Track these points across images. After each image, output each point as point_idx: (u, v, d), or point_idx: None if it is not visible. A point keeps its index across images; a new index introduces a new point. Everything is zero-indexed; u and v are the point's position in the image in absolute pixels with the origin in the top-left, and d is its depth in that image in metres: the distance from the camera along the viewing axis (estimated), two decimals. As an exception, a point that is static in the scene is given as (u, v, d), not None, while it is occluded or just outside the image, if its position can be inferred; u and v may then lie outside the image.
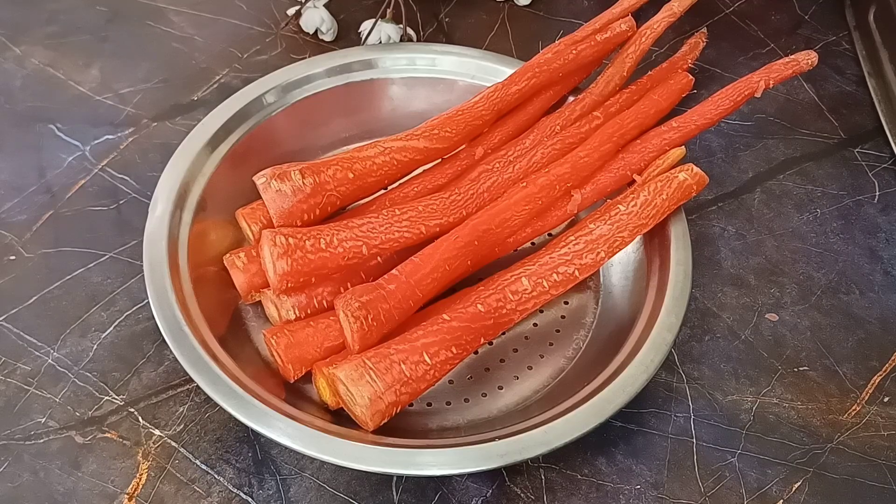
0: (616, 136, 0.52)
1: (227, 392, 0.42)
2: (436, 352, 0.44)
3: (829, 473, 0.47)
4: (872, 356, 0.52)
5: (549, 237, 0.54)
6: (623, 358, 0.46)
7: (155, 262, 0.46)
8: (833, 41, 0.71)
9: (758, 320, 0.53)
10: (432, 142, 0.51)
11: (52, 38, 0.66)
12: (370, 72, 0.58)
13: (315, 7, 0.66)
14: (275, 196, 0.47)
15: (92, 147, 0.59)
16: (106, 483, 0.45)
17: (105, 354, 0.50)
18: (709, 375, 0.51)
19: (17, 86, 0.63)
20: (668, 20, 0.57)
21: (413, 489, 0.46)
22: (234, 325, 0.49)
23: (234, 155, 0.53)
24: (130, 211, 0.56)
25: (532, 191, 0.49)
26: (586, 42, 0.55)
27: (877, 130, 0.64)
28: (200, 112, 0.61)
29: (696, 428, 0.49)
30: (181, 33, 0.67)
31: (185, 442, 0.47)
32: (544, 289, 0.47)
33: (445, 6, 0.71)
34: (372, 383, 0.42)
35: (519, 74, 0.54)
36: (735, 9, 0.73)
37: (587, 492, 0.46)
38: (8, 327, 0.50)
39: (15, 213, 0.56)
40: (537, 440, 0.41)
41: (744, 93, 0.53)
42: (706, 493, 0.46)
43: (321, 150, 0.58)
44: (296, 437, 0.41)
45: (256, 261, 0.48)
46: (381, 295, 0.44)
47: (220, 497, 0.45)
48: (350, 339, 0.44)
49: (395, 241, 0.47)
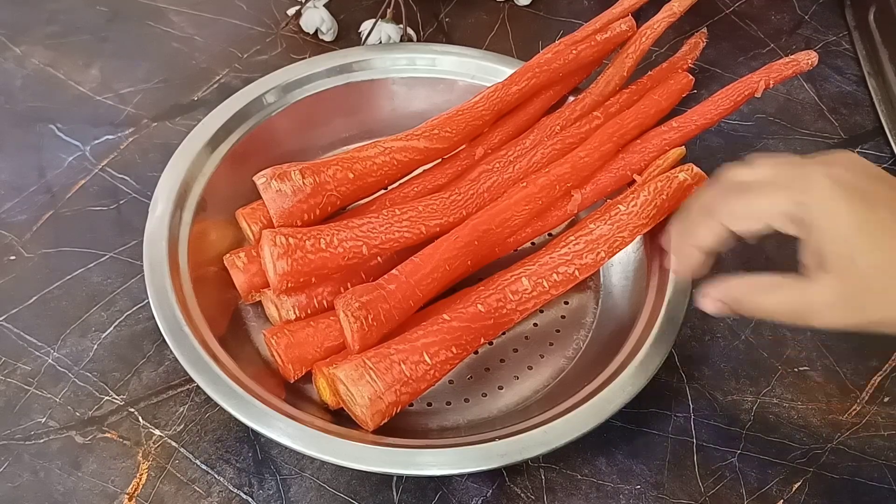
0: (616, 136, 0.52)
1: (227, 392, 0.42)
2: (436, 352, 0.44)
3: (830, 473, 0.47)
4: (872, 356, 0.52)
5: (549, 237, 0.54)
6: (623, 358, 0.46)
7: (155, 262, 0.46)
8: (833, 41, 0.71)
9: (758, 320, 0.53)
10: (432, 142, 0.51)
11: (53, 38, 0.66)
12: (370, 72, 0.58)
13: (315, 7, 0.66)
14: (275, 196, 0.47)
15: (92, 147, 0.59)
16: (106, 483, 0.45)
17: (105, 354, 0.50)
18: (709, 375, 0.51)
19: (17, 86, 0.63)
20: (668, 20, 0.57)
21: (413, 489, 0.46)
22: (234, 325, 0.49)
23: (235, 155, 0.53)
24: (130, 211, 0.56)
25: (532, 191, 0.49)
26: (586, 42, 0.55)
27: (877, 130, 0.64)
28: (200, 112, 0.61)
29: (697, 428, 0.49)
30: (181, 33, 0.67)
31: (186, 442, 0.47)
32: (544, 289, 0.47)
33: (445, 6, 0.71)
34: (372, 383, 0.42)
35: (519, 74, 0.53)
36: (735, 9, 0.73)
37: (587, 492, 0.46)
38: (8, 327, 0.50)
39: (15, 213, 0.56)
40: (537, 440, 0.41)
41: (744, 93, 0.53)
42: (706, 493, 0.46)
43: (321, 150, 0.58)
44: (296, 437, 0.41)
45: (256, 261, 0.48)
46: (381, 295, 0.44)
47: (221, 497, 0.45)
48: (350, 339, 0.44)
49: (395, 241, 0.47)
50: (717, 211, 0.39)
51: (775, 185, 0.37)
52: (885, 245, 0.35)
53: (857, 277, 0.35)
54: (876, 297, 0.35)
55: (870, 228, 0.35)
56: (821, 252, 0.36)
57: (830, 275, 0.36)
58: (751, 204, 0.37)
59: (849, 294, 0.36)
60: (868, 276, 0.35)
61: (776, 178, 0.38)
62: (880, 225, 0.35)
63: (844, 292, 0.36)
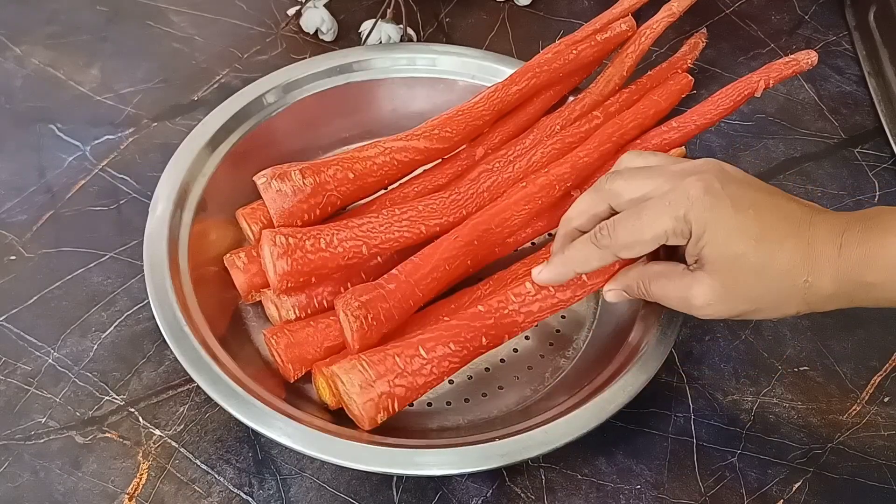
0: (616, 135, 0.52)
1: (227, 392, 0.42)
2: (432, 347, 0.43)
3: (830, 473, 0.47)
4: (872, 356, 0.52)
5: (549, 237, 0.54)
6: (623, 358, 0.46)
7: (155, 262, 0.46)
8: (833, 41, 0.71)
9: (758, 320, 0.53)
10: (432, 142, 0.51)
11: (53, 38, 0.66)
12: (370, 72, 0.58)
13: (315, 7, 0.66)
14: (275, 196, 0.47)
15: (92, 147, 0.59)
16: (106, 483, 0.45)
17: (105, 354, 0.50)
18: (709, 375, 0.51)
19: (17, 86, 0.63)
20: (667, 20, 0.57)
21: (413, 489, 0.46)
22: (234, 325, 0.49)
23: (235, 155, 0.53)
24: (131, 211, 0.56)
25: (532, 190, 0.49)
26: (586, 42, 0.55)
27: (877, 130, 0.64)
28: (201, 112, 0.61)
29: (697, 428, 0.49)
30: (181, 33, 0.67)
31: (186, 442, 0.47)
32: (549, 292, 0.46)
33: (445, 6, 0.71)
34: (363, 371, 0.42)
35: (519, 74, 0.53)
36: (735, 9, 0.73)
37: (587, 492, 0.46)
38: (8, 327, 0.50)
39: (15, 213, 0.56)
40: (537, 440, 0.41)
41: (744, 92, 0.53)
42: (706, 493, 0.46)
43: (321, 150, 0.58)
44: (296, 437, 0.41)
45: (256, 261, 0.48)
46: (381, 294, 0.44)
47: (221, 497, 0.45)
48: (350, 338, 0.44)
49: (395, 240, 0.47)
50: (609, 245, 0.42)
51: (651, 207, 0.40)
52: (753, 242, 0.39)
53: (733, 273, 0.40)
54: (749, 289, 0.40)
55: (740, 229, 0.39)
56: (700, 255, 0.40)
57: (708, 273, 0.40)
58: (640, 232, 0.41)
59: (726, 289, 0.40)
60: (741, 271, 0.39)
61: (654, 192, 0.41)
62: (748, 224, 0.39)
63: (722, 288, 0.40)
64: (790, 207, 0.40)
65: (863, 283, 0.38)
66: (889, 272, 0.38)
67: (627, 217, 0.41)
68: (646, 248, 0.41)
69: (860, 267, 0.38)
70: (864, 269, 0.38)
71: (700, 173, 0.40)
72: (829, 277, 0.39)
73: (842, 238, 0.39)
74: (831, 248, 0.38)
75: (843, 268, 0.38)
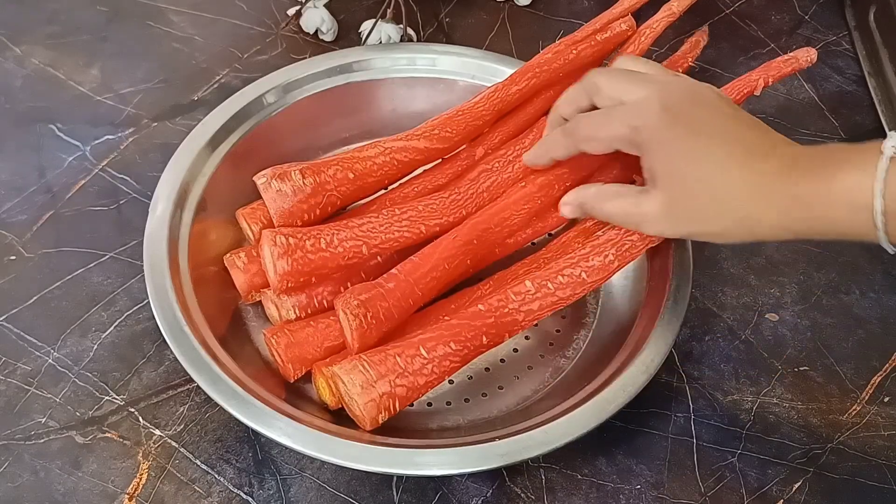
0: (616, 135, 0.52)
1: (227, 392, 0.42)
2: (433, 346, 0.43)
3: (830, 473, 0.47)
4: (872, 356, 0.52)
5: (549, 237, 0.54)
6: (623, 358, 0.46)
7: (155, 262, 0.46)
8: (833, 41, 0.71)
9: (758, 320, 0.53)
10: (432, 142, 0.51)
11: (52, 38, 0.66)
12: (370, 72, 0.58)
13: (315, 7, 0.66)
14: (275, 196, 0.47)
15: (92, 147, 0.59)
16: (106, 483, 0.45)
17: (105, 354, 0.50)
18: (709, 375, 0.51)
19: (17, 86, 0.63)
20: (667, 20, 0.57)
21: (413, 489, 0.46)
22: (234, 325, 0.49)
23: (235, 155, 0.53)
24: (131, 211, 0.56)
25: (531, 190, 0.49)
26: (586, 42, 0.55)
27: (877, 130, 0.64)
28: (201, 112, 0.61)
29: (697, 428, 0.49)
30: (181, 33, 0.67)
31: (186, 442, 0.47)
32: (549, 290, 0.46)
33: (445, 6, 0.71)
34: (364, 372, 0.42)
35: (519, 74, 0.53)
36: (735, 9, 0.73)
37: (587, 492, 0.46)
38: (8, 327, 0.50)
39: (15, 213, 0.56)
40: (537, 440, 0.41)
41: (743, 91, 0.53)
42: (706, 493, 0.46)
43: (321, 150, 0.58)
44: (296, 437, 0.41)
45: (256, 261, 0.48)
46: (380, 293, 0.44)
47: (221, 497, 0.45)
48: (349, 337, 0.44)
49: (395, 240, 0.47)
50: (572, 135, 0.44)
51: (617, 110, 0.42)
52: (702, 167, 0.40)
53: (679, 194, 0.41)
54: (694, 212, 0.41)
55: (690, 152, 0.40)
56: (652, 170, 0.41)
57: (658, 190, 0.42)
58: (598, 130, 0.43)
59: (672, 208, 0.41)
60: (687, 193, 0.41)
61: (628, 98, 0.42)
62: (699, 148, 0.40)
63: (669, 206, 0.41)
64: (750, 136, 0.41)
65: (808, 217, 0.39)
66: (836, 206, 0.38)
67: (596, 114, 0.44)
68: (600, 147, 0.43)
69: (808, 200, 0.38)
70: (812, 202, 0.38)
71: (673, 92, 0.41)
72: (774, 209, 0.39)
73: (792, 171, 0.39)
74: (780, 180, 0.39)
75: (790, 200, 0.39)
